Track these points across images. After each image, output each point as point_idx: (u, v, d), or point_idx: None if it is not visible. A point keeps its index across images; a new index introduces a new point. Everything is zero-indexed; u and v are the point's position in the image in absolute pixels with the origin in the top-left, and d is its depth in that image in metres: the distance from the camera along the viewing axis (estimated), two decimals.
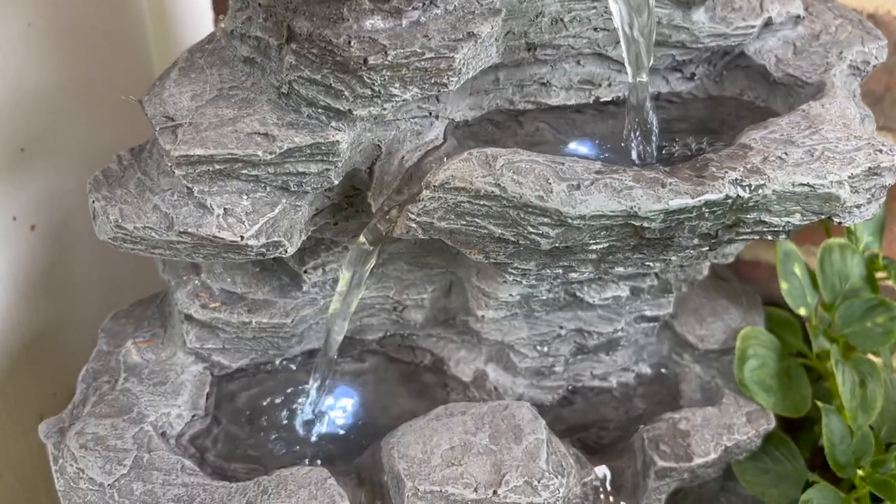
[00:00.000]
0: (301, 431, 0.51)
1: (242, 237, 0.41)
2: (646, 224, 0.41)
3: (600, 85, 0.51)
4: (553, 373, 0.57)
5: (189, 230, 0.41)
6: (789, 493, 0.59)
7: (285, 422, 0.52)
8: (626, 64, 0.45)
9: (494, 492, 0.46)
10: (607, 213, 0.40)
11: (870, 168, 0.44)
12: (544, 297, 0.53)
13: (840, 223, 0.46)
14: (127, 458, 0.45)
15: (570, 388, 0.60)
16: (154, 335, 0.53)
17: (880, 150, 0.45)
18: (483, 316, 0.53)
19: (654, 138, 0.48)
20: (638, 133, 0.47)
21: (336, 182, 0.43)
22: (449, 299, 0.55)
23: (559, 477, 0.48)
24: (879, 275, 0.66)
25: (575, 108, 0.51)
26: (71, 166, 0.68)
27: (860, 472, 0.57)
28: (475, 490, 0.46)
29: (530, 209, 0.40)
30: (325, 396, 0.52)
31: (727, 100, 0.54)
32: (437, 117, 0.46)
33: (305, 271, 0.50)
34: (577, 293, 0.54)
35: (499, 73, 0.48)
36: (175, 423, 0.49)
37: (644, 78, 0.46)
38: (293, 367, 0.54)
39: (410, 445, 0.47)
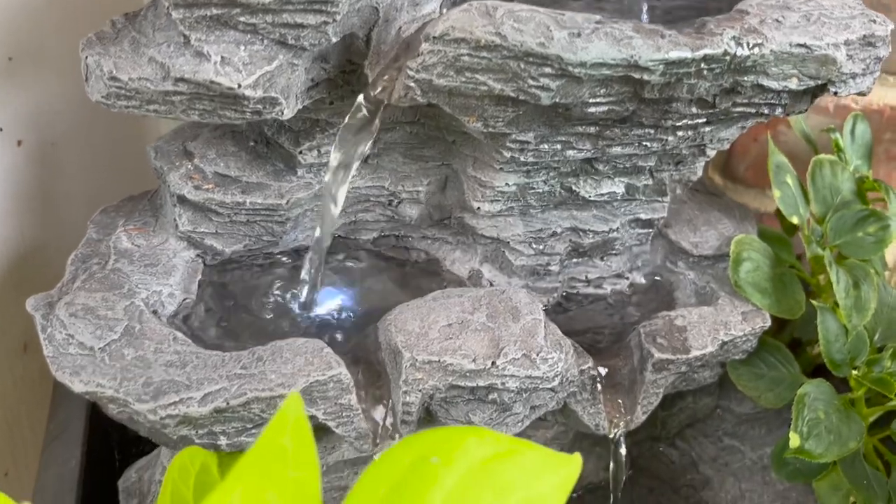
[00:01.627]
0: (296, 318, 0.50)
1: (240, 84, 0.40)
2: (646, 77, 0.41)
3: None
4: (549, 272, 0.57)
5: (186, 77, 0.40)
6: (785, 397, 0.58)
7: (280, 309, 0.51)
8: None
9: (493, 363, 0.45)
10: (608, 62, 0.40)
11: (864, 35, 0.45)
12: (540, 190, 0.53)
13: (836, 93, 0.47)
14: (118, 325, 0.44)
15: (564, 294, 0.60)
16: (145, 224, 0.52)
17: (874, 21, 0.45)
18: (479, 208, 0.53)
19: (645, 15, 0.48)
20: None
21: (334, 39, 0.43)
22: (444, 195, 0.55)
23: (557, 352, 0.47)
24: (870, 196, 0.67)
25: None
26: (59, 85, 0.67)
27: (855, 373, 0.56)
28: (473, 361, 0.45)
29: (531, 58, 0.40)
30: (320, 287, 0.52)
31: None
32: None
33: (300, 152, 0.50)
34: (573, 187, 0.54)
35: None
36: (167, 303, 0.48)
37: None
38: (287, 259, 0.54)
39: (408, 321, 0.47)
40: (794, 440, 0.53)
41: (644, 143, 0.49)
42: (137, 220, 0.52)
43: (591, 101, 0.43)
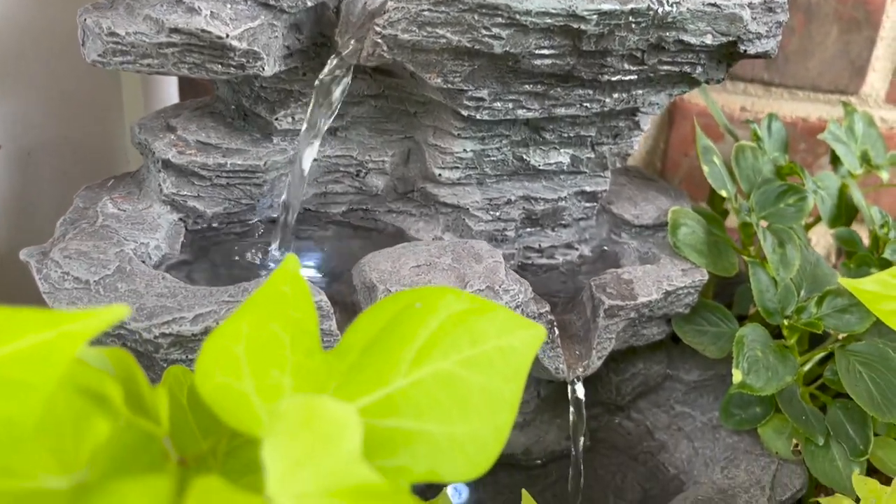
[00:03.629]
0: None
1: (227, 35, 0.45)
2: (583, 26, 0.48)
3: None
4: (505, 238, 0.62)
5: (179, 27, 0.45)
6: (726, 348, 0.63)
7: (257, 264, 0.54)
8: None
9: None
10: (550, 11, 0.46)
11: (765, 1, 0.52)
12: (495, 158, 0.58)
13: (745, 52, 0.54)
14: (110, 265, 0.47)
15: (520, 263, 0.64)
16: (130, 193, 0.55)
17: None
18: (440, 175, 0.58)
19: None
20: None
21: (309, 3, 0.48)
22: (407, 168, 0.60)
23: (518, 285, 0.51)
24: (789, 180, 0.74)
25: None
26: (37, 98, 0.71)
27: (787, 321, 0.62)
28: None
29: (483, 9, 0.46)
30: (295, 246, 0.55)
31: None
32: None
33: (276, 119, 0.54)
34: (524, 156, 0.59)
35: None
36: (153, 254, 0.51)
37: None
38: (262, 226, 0.57)
39: (381, 262, 0.51)
40: (737, 376, 0.58)
41: (584, 104, 0.55)
42: (122, 191, 0.56)
43: (536, 51, 0.49)
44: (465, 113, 0.53)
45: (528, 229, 0.64)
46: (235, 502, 0.23)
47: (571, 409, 0.59)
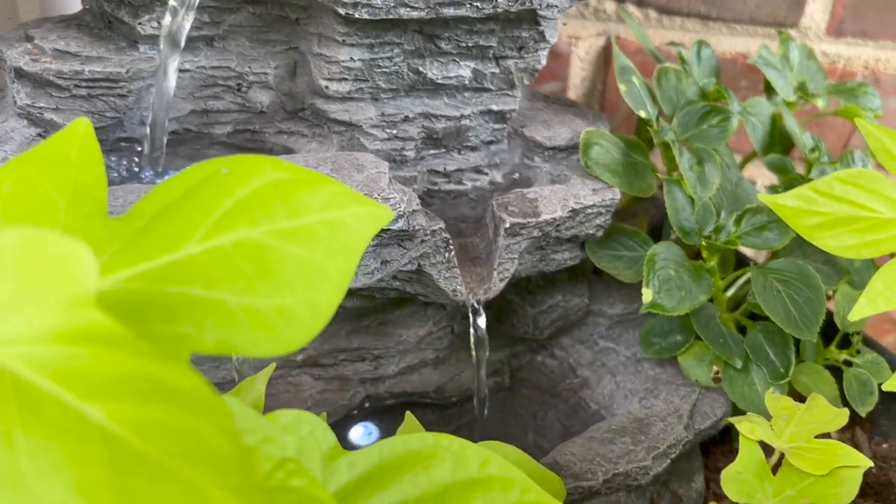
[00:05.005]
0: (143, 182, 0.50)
1: None
2: None
3: None
4: (405, 159, 0.58)
5: None
6: (641, 272, 0.60)
7: (125, 175, 0.50)
8: None
9: None
10: None
11: None
12: (387, 69, 0.55)
13: None
14: None
15: (426, 189, 0.61)
16: None
17: None
18: (327, 87, 0.54)
19: None
20: None
21: None
22: (295, 82, 0.56)
23: (400, 194, 0.48)
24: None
25: None
26: None
27: (704, 243, 0.59)
28: None
29: None
30: (174, 166, 0.52)
31: None
32: None
33: (140, 24, 0.50)
34: (420, 69, 0.56)
35: None
36: None
37: None
38: (132, 145, 0.53)
39: None
40: (647, 295, 0.55)
41: (475, 4, 0.51)
42: None
43: None
44: (342, 12, 0.49)
45: (431, 151, 0.60)
46: None
47: (472, 332, 0.55)
